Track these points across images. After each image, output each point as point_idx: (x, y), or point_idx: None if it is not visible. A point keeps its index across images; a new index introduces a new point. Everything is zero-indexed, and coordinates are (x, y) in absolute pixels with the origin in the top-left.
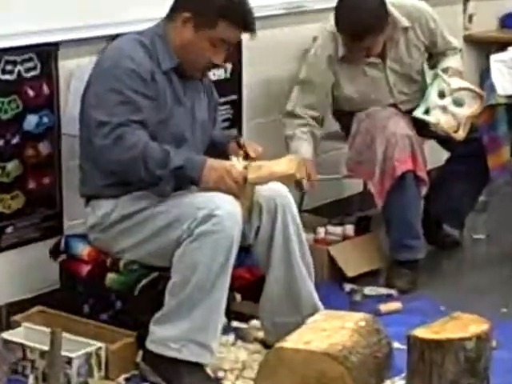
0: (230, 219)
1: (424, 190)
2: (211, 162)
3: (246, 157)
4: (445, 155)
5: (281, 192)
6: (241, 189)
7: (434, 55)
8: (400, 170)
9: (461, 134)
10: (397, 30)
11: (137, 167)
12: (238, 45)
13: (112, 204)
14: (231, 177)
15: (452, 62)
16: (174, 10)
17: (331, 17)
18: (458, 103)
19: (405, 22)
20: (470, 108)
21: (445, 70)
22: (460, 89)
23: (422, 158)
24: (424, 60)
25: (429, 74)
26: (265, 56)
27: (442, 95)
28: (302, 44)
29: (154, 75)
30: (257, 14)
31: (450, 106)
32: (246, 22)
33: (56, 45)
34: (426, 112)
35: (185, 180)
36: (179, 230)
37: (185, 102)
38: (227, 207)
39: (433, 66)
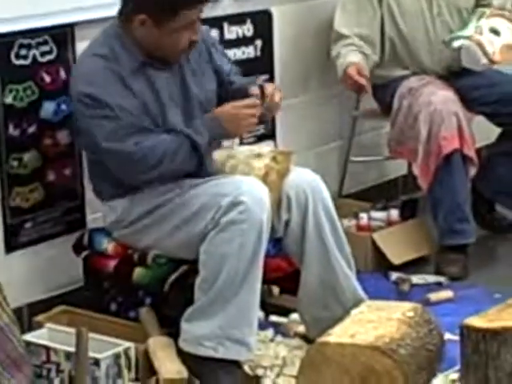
0: (256, 205)
1: (473, 171)
2: (217, 111)
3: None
4: (494, 132)
5: (311, 179)
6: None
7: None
8: (446, 149)
9: (497, 58)
10: None
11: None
12: (269, 20)
13: (130, 200)
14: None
15: (496, 2)
16: (125, 13)
17: None
18: (494, 31)
19: None
20: (507, 39)
21: (487, 6)
22: (498, 15)
23: (471, 135)
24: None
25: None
26: (298, 30)
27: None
28: None
29: (125, 81)
30: None
31: (485, 31)
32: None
33: (71, 26)
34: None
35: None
36: (204, 220)
37: (169, 95)
38: (253, 192)
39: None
